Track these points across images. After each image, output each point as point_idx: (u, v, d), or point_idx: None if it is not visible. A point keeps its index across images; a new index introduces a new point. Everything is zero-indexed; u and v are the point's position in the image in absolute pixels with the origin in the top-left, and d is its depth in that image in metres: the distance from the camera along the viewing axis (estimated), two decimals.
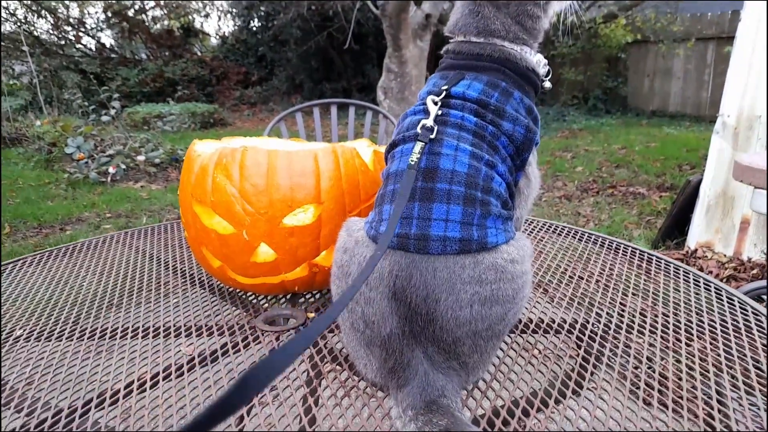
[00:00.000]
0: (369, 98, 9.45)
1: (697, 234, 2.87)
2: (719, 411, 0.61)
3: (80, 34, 11.16)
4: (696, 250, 2.84)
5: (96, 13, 11.43)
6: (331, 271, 0.72)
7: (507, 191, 0.70)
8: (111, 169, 5.13)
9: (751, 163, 1.46)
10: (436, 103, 0.71)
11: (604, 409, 0.63)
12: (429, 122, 0.69)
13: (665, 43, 7.55)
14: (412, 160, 0.67)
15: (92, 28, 11.43)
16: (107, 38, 11.91)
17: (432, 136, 0.68)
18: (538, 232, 1.30)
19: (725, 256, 2.75)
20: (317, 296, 0.97)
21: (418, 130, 0.69)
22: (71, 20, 10.97)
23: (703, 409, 0.62)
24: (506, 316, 0.66)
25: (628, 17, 7.90)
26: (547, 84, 0.79)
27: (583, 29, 8.06)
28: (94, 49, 11.38)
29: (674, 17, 7.64)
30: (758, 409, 0.62)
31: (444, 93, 0.71)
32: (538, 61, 0.77)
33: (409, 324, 0.64)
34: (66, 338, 0.84)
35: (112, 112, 6.02)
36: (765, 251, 2.56)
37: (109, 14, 11.25)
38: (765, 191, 1.40)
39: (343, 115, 2.45)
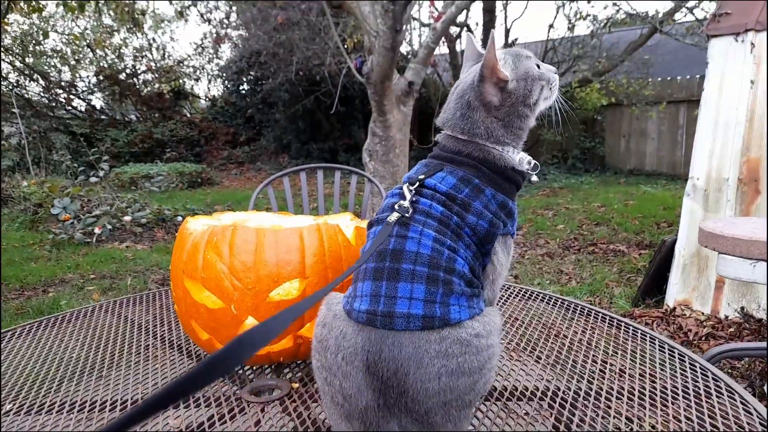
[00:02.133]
0: (355, 158, 9.66)
1: (674, 292, 2.94)
2: None
3: (71, 96, 11.40)
4: (675, 308, 2.90)
5: (88, 76, 11.73)
6: (312, 345, 0.77)
7: (471, 272, 0.75)
8: (97, 230, 5.14)
9: (714, 229, 1.55)
10: (410, 191, 0.77)
11: None
12: (406, 203, 0.76)
13: (638, 106, 7.90)
14: (390, 219, 0.73)
15: (83, 91, 11.69)
16: (98, 100, 12.17)
17: (407, 214, 0.75)
18: (513, 298, 1.36)
19: (703, 314, 2.82)
20: (302, 366, 1.00)
21: (395, 207, 0.76)
22: (63, 83, 11.23)
23: None
24: (475, 386, 0.70)
25: (602, 82, 8.30)
26: (534, 178, 0.85)
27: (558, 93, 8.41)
28: (84, 110, 11.60)
29: (645, 82, 8.05)
30: None
31: (418, 183, 0.78)
32: (520, 159, 0.82)
33: (383, 397, 0.68)
34: (56, 412, 0.87)
35: (101, 173, 6.10)
36: (738, 310, 2.63)
37: (101, 78, 11.55)
38: (729, 257, 1.48)
39: (330, 175, 2.53)
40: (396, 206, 0.76)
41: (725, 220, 1.69)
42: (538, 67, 0.84)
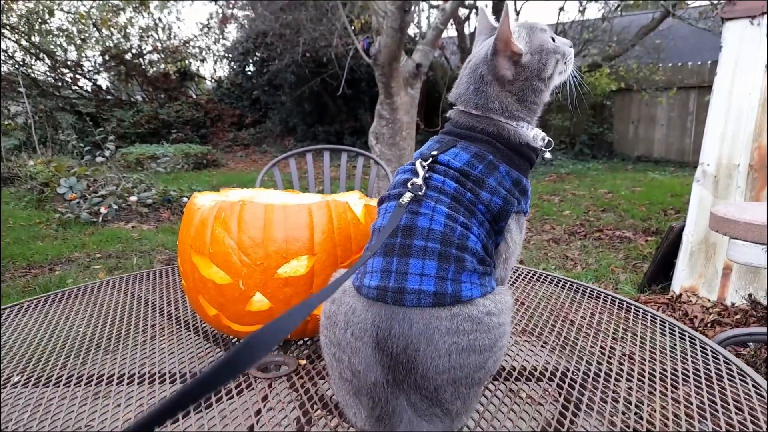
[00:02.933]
0: (361, 141, 9.62)
1: (681, 279, 2.93)
2: None
3: (77, 76, 11.36)
4: (681, 294, 2.89)
5: (94, 56, 11.68)
6: (320, 321, 0.76)
7: (483, 250, 0.74)
8: (103, 209, 5.15)
9: (726, 214, 1.53)
10: (423, 167, 0.76)
11: None
12: (419, 181, 0.74)
13: (648, 91, 7.81)
14: (403, 201, 0.72)
15: (89, 71, 11.65)
16: (104, 80, 12.13)
17: (420, 193, 0.74)
18: (522, 280, 1.35)
19: (709, 301, 2.80)
20: (308, 343, 1.00)
21: (408, 186, 0.74)
22: (69, 63, 11.19)
23: None
24: (485, 364, 0.69)
25: (611, 67, 8.20)
26: (548, 155, 0.84)
27: (579, 82, 8.32)
28: (90, 90, 11.57)
29: (656, 67, 7.94)
30: None
31: (431, 159, 0.77)
32: (534, 135, 0.81)
33: (392, 373, 0.67)
34: (63, 384, 0.87)
35: (107, 153, 6.10)
36: (746, 297, 2.61)
37: (107, 57, 11.50)
38: (740, 242, 1.46)
39: (336, 158, 2.52)
40: (409, 184, 0.74)
41: (737, 205, 1.67)
42: (553, 40, 0.82)
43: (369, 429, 0.70)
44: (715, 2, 6.25)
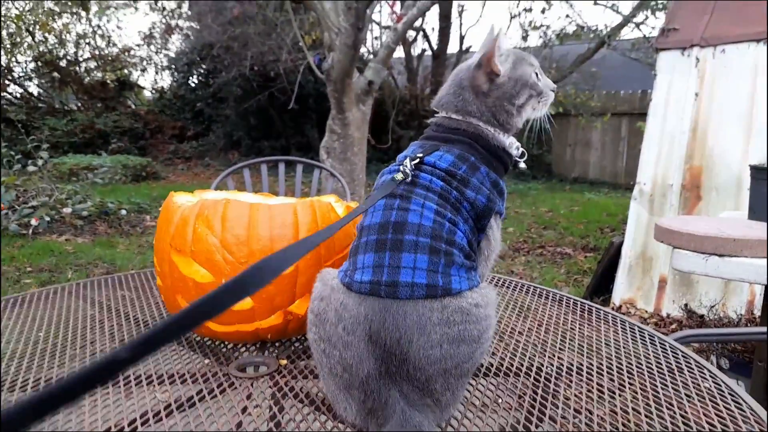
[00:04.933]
0: (308, 157, 9.55)
1: (620, 291, 3.09)
2: None
3: (6, 81, 10.74)
4: (620, 306, 3.05)
5: (25, 61, 11.09)
6: (307, 319, 0.77)
7: (469, 246, 0.78)
8: (33, 221, 4.87)
9: (670, 225, 1.64)
10: (411, 167, 0.79)
11: None
12: (408, 170, 0.78)
13: (584, 116, 8.25)
14: (397, 177, 0.76)
15: (20, 77, 11.04)
16: (35, 87, 11.52)
17: (408, 180, 0.77)
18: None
19: (647, 311, 2.97)
20: (287, 344, 0.99)
21: (401, 168, 0.78)
22: None
23: None
24: (473, 355, 0.72)
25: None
26: (522, 165, 0.89)
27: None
28: (20, 97, 10.95)
29: (592, 94, 8.41)
30: None
31: (418, 160, 0.80)
32: (510, 143, 0.86)
33: (385, 365, 0.69)
34: (31, 389, 0.82)
35: (39, 162, 5.78)
36: (682, 307, 2.79)
37: (40, 63, 10.95)
38: (684, 251, 1.57)
39: (289, 171, 2.51)
40: (401, 168, 0.77)
41: (679, 218, 1.80)
42: (538, 77, 0.88)
43: (359, 423, 0.71)
44: (647, 35, 6.71)
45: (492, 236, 0.83)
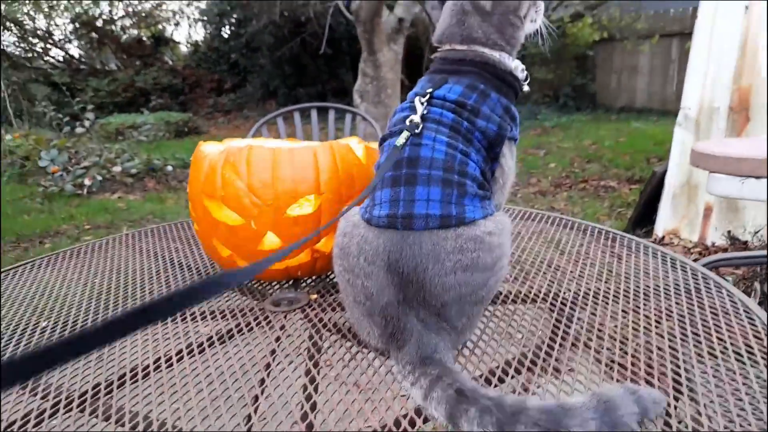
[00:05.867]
0: (344, 102, 9.50)
1: (664, 222, 3.03)
2: (672, 370, 0.72)
3: (48, 45, 11.02)
4: (663, 237, 3.00)
5: (64, 24, 11.31)
6: (333, 253, 0.82)
7: (482, 176, 0.80)
8: (87, 181, 5.12)
9: (705, 149, 1.59)
10: (422, 103, 0.81)
11: (573, 376, 0.73)
12: (416, 118, 0.79)
13: (630, 40, 7.81)
14: (398, 143, 0.77)
15: (60, 40, 11.30)
16: (75, 49, 11.78)
17: (417, 131, 0.79)
18: (514, 219, 1.41)
19: (691, 241, 2.91)
20: (317, 281, 1.06)
21: (407, 123, 0.79)
22: (38, 32, 10.83)
23: (659, 364, 0.73)
24: (488, 282, 0.76)
25: (594, 16, 8.15)
26: (526, 87, 0.90)
27: (550, 28, 8.28)
28: (62, 60, 11.24)
29: (638, 15, 7.91)
30: (721, 372, 0.73)
31: (429, 95, 0.81)
32: (516, 66, 0.87)
33: (403, 292, 0.73)
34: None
35: (86, 123, 6.01)
36: (725, 234, 2.72)
37: (77, 25, 11.14)
38: (718, 175, 1.53)
39: (322, 119, 2.54)
40: (407, 122, 0.79)
41: (717, 140, 1.74)
42: None
43: (382, 346, 0.77)
44: None
45: (505, 164, 0.85)
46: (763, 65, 2.73)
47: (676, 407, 0.62)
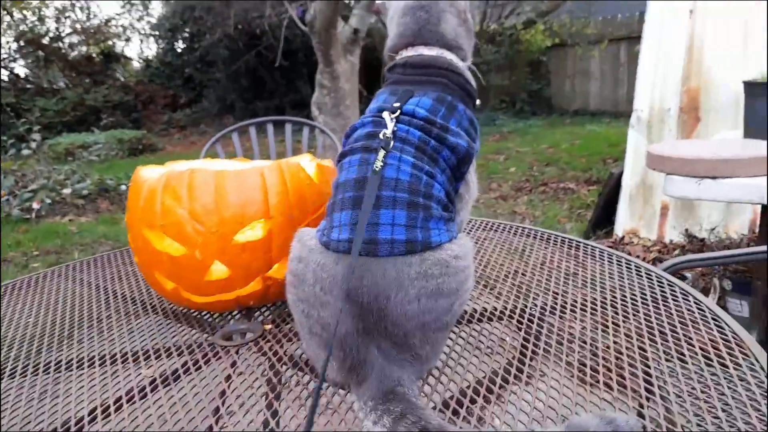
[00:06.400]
0: (303, 114, 9.43)
1: (623, 222, 3.08)
2: (644, 380, 0.69)
3: None
4: (623, 237, 3.04)
5: (8, 42, 10.86)
6: (286, 280, 0.76)
7: (446, 197, 0.76)
8: (35, 205, 4.89)
9: (661, 152, 1.60)
10: (392, 120, 0.75)
11: (546, 390, 0.69)
12: (389, 133, 0.74)
13: (581, 45, 8.01)
14: (376, 167, 0.71)
15: (4, 59, 10.84)
16: (21, 68, 11.32)
17: (389, 146, 0.73)
18: (477, 230, 1.38)
19: (650, 240, 2.96)
20: (272, 308, 1.00)
21: (380, 138, 0.74)
22: None
23: (645, 383, 0.70)
24: (452, 307, 0.71)
25: (545, 23, 8.33)
26: (477, 101, 0.86)
27: (504, 36, 8.44)
28: (7, 80, 10.78)
29: (587, 21, 8.13)
30: (690, 372, 0.70)
31: (399, 111, 0.76)
32: (469, 76, 0.84)
33: (363, 322, 0.68)
34: (19, 375, 0.83)
35: (33, 145, 5.76)
36: (683, 232, 2.78)
37: (23, 43, 10.72)
38: (676, 177, 1.54)
39: (280, 132, 2.47)
40: (381, 136, 0.74)
41: (670, 143, 1.77)
42: None
43: (341, 380, 0.71)
44: None
45: (471, 180, 0.82)
46: (711, 67, 2.81)
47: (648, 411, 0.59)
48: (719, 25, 2.81)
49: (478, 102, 0.86)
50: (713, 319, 0.80)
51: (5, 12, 10.20)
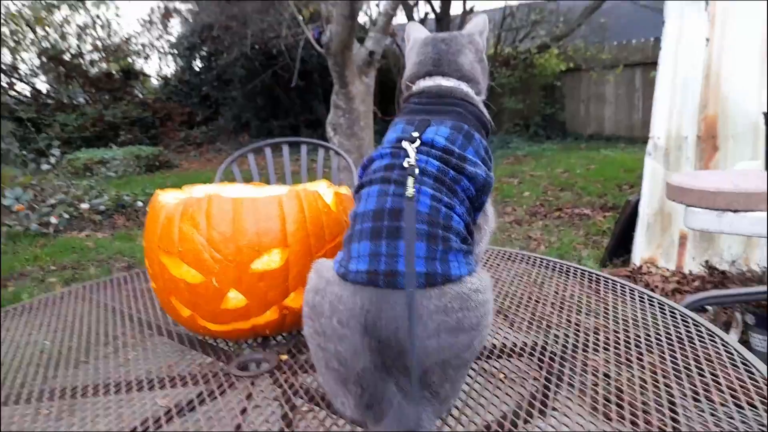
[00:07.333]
0: (317, 134, 9.52)
1: (640, 251, 3.03)
2: (671, 418, 0.67)
3: (13, 80, 10.80)
4: (641, 266, 2.99)
5: (30, 58, 11.12)
6: (302, 312, 0.75)
7: (465, 229, 0.75)
8: (53, 219, 4.94)
9: (681, 183, 1.58)
10: (414, 149, 0.75)
11: (570, 426, 0.67)
12: (412, 161, 0.74)
13: (596, 70, 8.02)
14: (409, 194, 0.70)
15: (26, 74, 11.09)
16: (42, 84, 11.57)
17: (402, 179, 0.72)
18: (494, 260, 1.37)
19: (668, 270, 2.91)
20: (288, 338, 0.98)
21: (405, 166, 0.73)
22: (3, 66, 10.62)
23: (658, 418, 0.67)
24: (472, 343, 0.70)
25: (560, 47, 8.37)
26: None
27: (518, 59, 8.48)
28: (29, 95, 11.02)
29: (602, 46, 8.16)
30: (704, 412, 0.68)
31: (418, 141, 0.76)
32: (483, 109, 0.86)
33: (381, 357, 0.66)
34: (35, 400, 0.83)
35: (52, 159, 5.84)
36: (703, 264, 2.73)
37: (44, 59, 10.97)
38: (696, 209, 1.52)
39: (295, 152, 2.48)
40: (405, 164, 0.74)
41: (690, 173, 1.74)
42: None
43: (358, 417, 0.70)
44: None
45: (488, 210, 0.82)
46: (728, 94, 2.78)
47: None
48: (736, 54, 2.79)
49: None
50: (743, 363, 0.78)
51: (29, 28, 10.46)
